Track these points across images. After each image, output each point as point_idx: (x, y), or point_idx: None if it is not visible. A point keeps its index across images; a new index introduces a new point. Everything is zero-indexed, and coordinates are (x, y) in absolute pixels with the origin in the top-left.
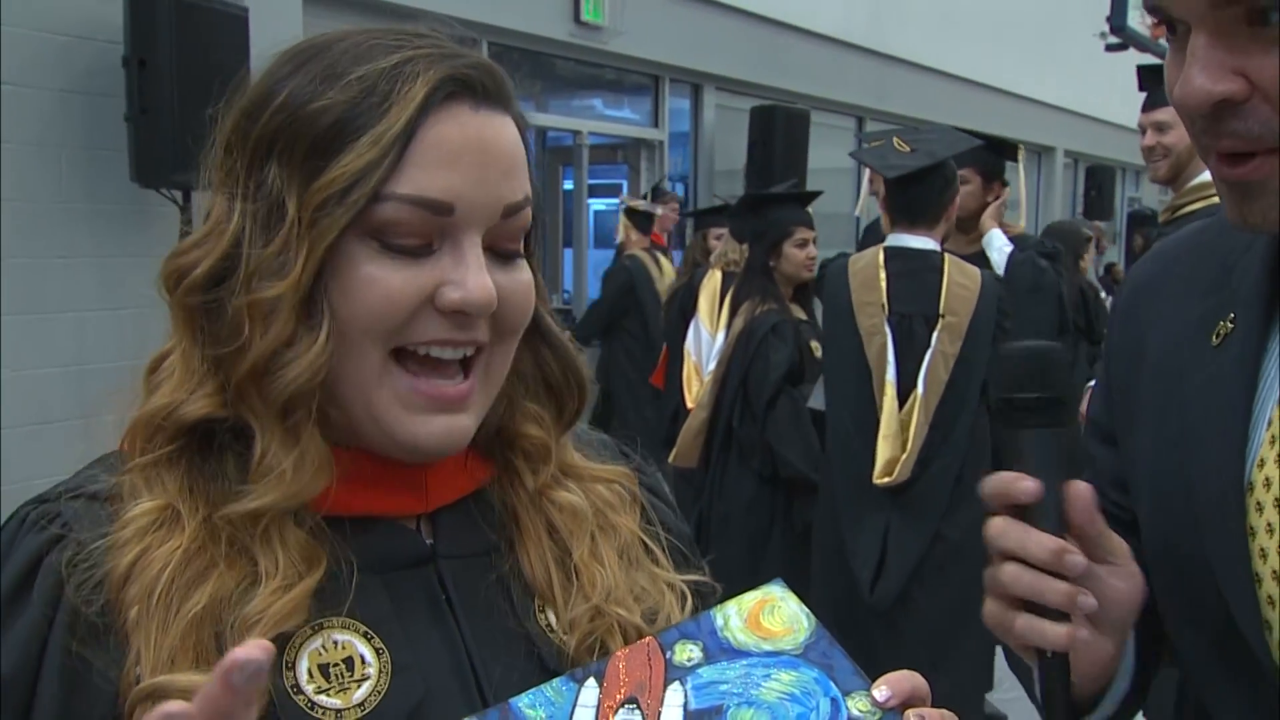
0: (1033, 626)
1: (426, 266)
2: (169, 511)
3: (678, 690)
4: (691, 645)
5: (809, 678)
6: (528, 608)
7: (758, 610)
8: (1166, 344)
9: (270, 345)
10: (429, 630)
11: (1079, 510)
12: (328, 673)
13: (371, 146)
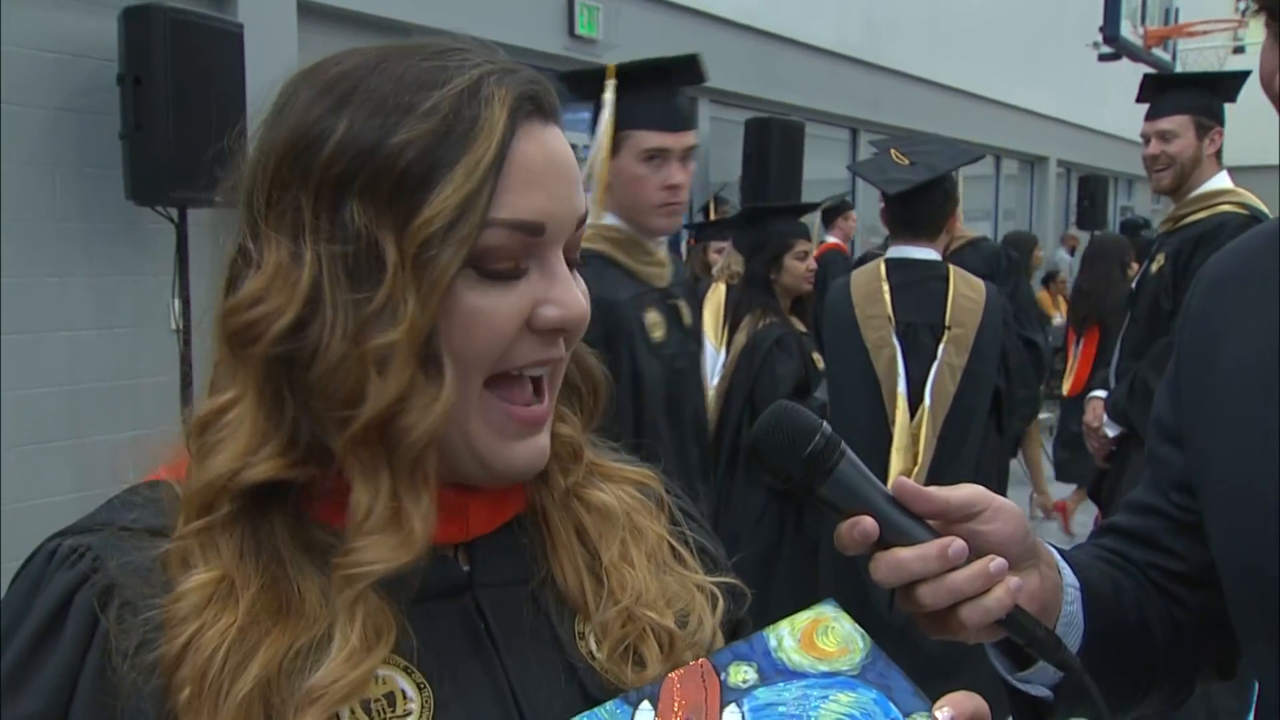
0: (976, 610)
1: (521, 288)
2: (224, 584)
3: (734, 712)
4: (746, 666)
5: (868, 699)
6: (569, 631)
7: (811, 630)
8: (1248, 345)
9: (392, 395)
10: (469, 662)
11: (919, 503)
12: (369, 709)
13: (468, 177)
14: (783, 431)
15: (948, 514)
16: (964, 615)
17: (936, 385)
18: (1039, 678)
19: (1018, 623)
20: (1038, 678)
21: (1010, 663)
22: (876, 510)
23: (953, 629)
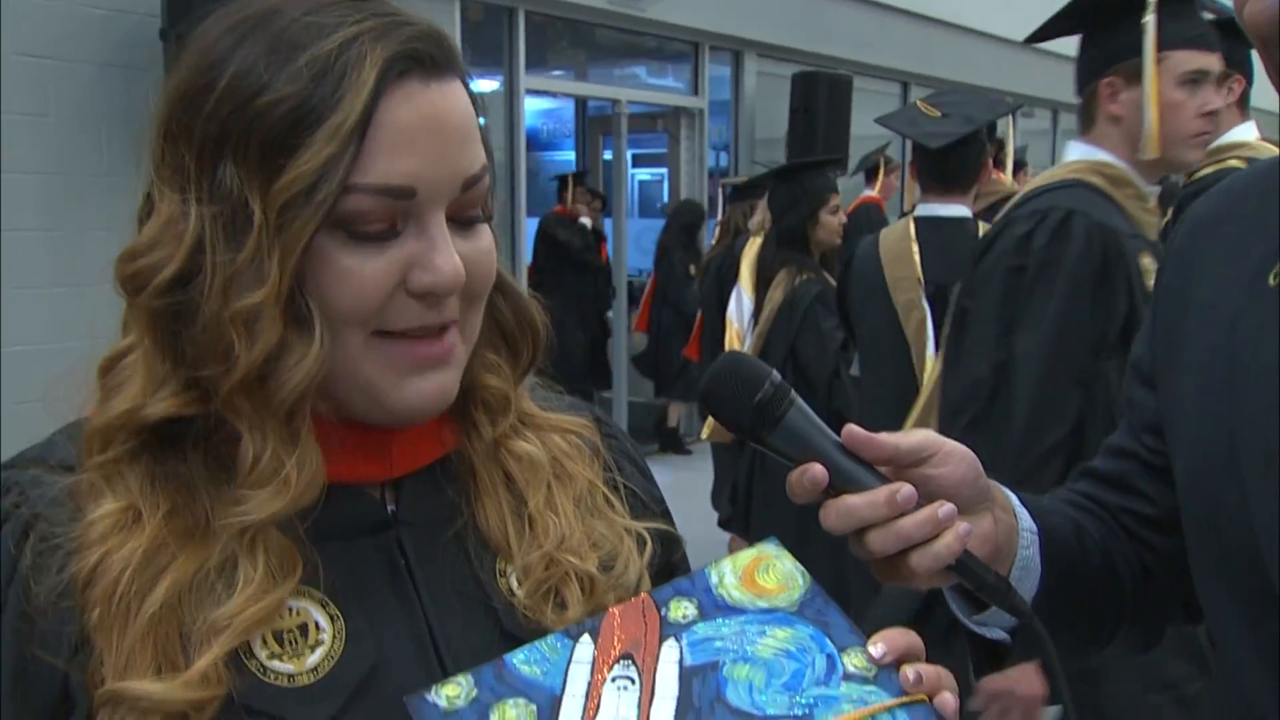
0: (926, 556)
1: (393, 250)
2: (130, 512)
3: (673, 646)
4: (686, 602)
5: (804, 634)
6: (490, 571)
7: (753, 568)
8: (1220, 285)
9: (261, 354)
10: (387, 597)
11: (869, 450)
12: (281, 639)
13: (330, 140)
14: (732, 380)
15: (898, 460)
16: (913, 561)
17: None
18: (995, 621)
19: (967, 568)
20: (994, 621)
21: (967, 606)
22: (826, 458)
23: (903, 575)
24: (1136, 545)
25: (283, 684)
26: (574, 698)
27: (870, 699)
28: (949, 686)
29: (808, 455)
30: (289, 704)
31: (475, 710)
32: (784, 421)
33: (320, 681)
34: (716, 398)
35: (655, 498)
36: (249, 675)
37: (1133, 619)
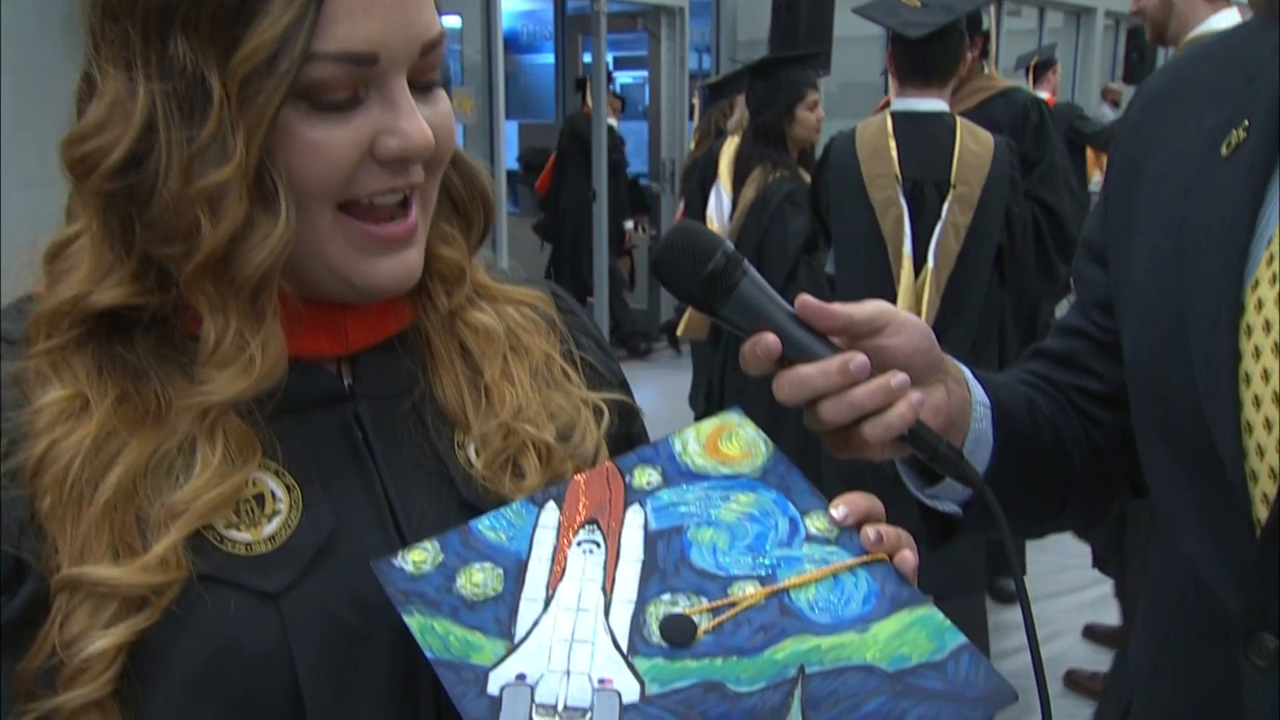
0: (878, 426)
1: (359, 118)
2: (78, 400)
3: (638, 512)
4: (650, 470)
5: (767, 499)
6: (448, 443)
7: (716, 436)
8: (1173, 157)
9: (227, 233)
10: (344, 467)
11: (822, 320)
12: (237, 509)
13: (286, 8)
14: (683, 250)
15: (851, 330)
16: (866, 431)
17: (941, 245)
18: (948, 494)
19: (920, 438)
20: (946, 494)
21: (920, 480)
22: (779, 328)
23: (856, 446)
24: (1085, 422)
25: (240, 553)
26: (540, 561)
27: (832, 559)
28: (909, 545)
29: (761, 326)
30: (246, 572)
31: (442, 574)
32: (736, 292)
33: (278, 550)
34: (668, 267)
35: (613, 370)
36: (205, 544)
37: (1080, 494)
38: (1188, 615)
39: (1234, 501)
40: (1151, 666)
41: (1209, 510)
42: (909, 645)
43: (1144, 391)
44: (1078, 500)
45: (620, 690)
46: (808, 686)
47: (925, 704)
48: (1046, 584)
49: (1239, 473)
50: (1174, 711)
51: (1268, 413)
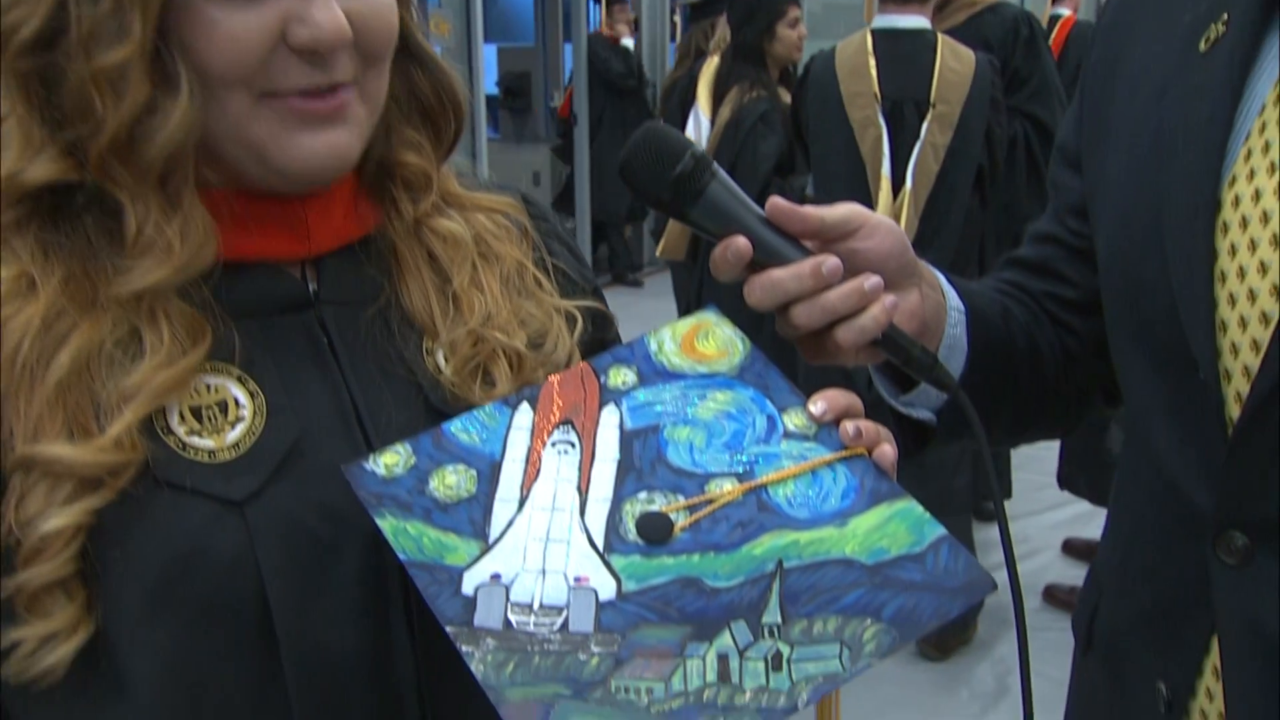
0: (852, 330)
1: (269, 5)
2: (24, 280)
3: (613, 411)
4: (625, 369)
5: (745, 396)
6: (415, 350)
7: (692, 335)
8: (1150, 55)
9: (128, 114)
10: (309, 374)
11: (793, 222)
12: (200, 415)
13: None
14: (651, 152)
15: (823, 233)
16: (839, 336)
17: (919, 165)
18: (922, 401)
19: (894, 342)
20: (920, 401)
21: (894, 387)
22: (750, 231)
23: (830, 351)
24: (1059, 330)
25: (203, 459)
26: (514, 462)
27: (810, 454)
28: (888, 440)
29: (731, 229)
30: (210, 479)
31: (414, 477)
32: (705, 195)
33: (242, 457)
34: (635, 170)
35: (586, 277)
36: (168, 451)
37: (1054, 403)
38: (1158, 515)
39: (1207, 402)
40: (1120, 566)
41: (1182, 411)
42: (888, 538)
43: (1118, 293)
44: (1051, 409)
45: (596, 588)
46: (786, 580)
47: (904, 595)
48: (1026, 502)
49: (1213, 372)
50: (1141, 609)
51: (1242, 311)
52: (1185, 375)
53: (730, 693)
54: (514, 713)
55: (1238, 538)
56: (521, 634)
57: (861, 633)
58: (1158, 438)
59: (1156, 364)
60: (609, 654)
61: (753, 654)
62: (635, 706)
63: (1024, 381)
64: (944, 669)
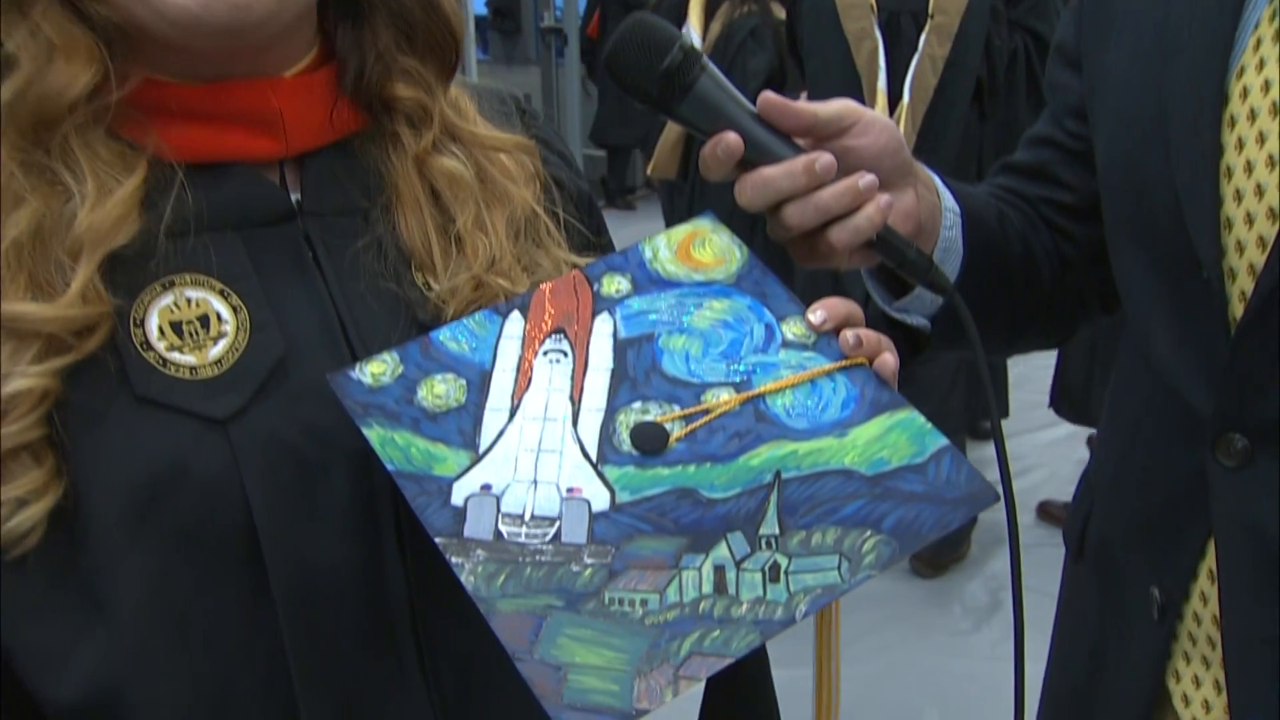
0: (846, 230)
1: None
2: None
3: (606, 320)
4: (619, 277)
5: (742, 305)
6: (402, 269)
7: (688, 242)
8: None
9: None
10: (293, 288)
11: (786, 119)
12: (180, 330)
13: None
14: (638, 45)
15: (816, 130)
16: (833, 236)
17: (917, 79)
18: (916, 307)
19: (888, 243)
20: (914, 307)
21: (887, 293)
22: (741, 127)
23: (823, 253)
24: (1055, 235)
25: (185, 376)
26: (504, 372)
27: (809, 364)
28: (889, 349)
29: (721, 126)
30: (193, 396)
31: (401, 386)
32: (695, 89)
33: (226, 373)
34: (622, 64)
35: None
36: (147, 367)
37: (1049, 311)
38: (1155, 420)
39: (1209, 302)
40: (1115, 472)
41: (1183, 313)
42: (889, 449)
43: (1118, 193)
44: (1046, 317)
45: (589, 499)
46: (784, 491)
47: (905, 506)
48: (1021, 420)
49: (1216, 271)
50: (1135, 516)
51: (1249, 207)
52: (1187, 275)
53: (726, 604)
54: (505, 625)
55: (1237, 440)
56: (513, 545)
57: (861, 544)
58: (1157, 341)
59: (1157, 265)
60: (602, 565)
61: (750, 566)
62: (629, 618)
63: (1019, 287)
64: (937, 585)
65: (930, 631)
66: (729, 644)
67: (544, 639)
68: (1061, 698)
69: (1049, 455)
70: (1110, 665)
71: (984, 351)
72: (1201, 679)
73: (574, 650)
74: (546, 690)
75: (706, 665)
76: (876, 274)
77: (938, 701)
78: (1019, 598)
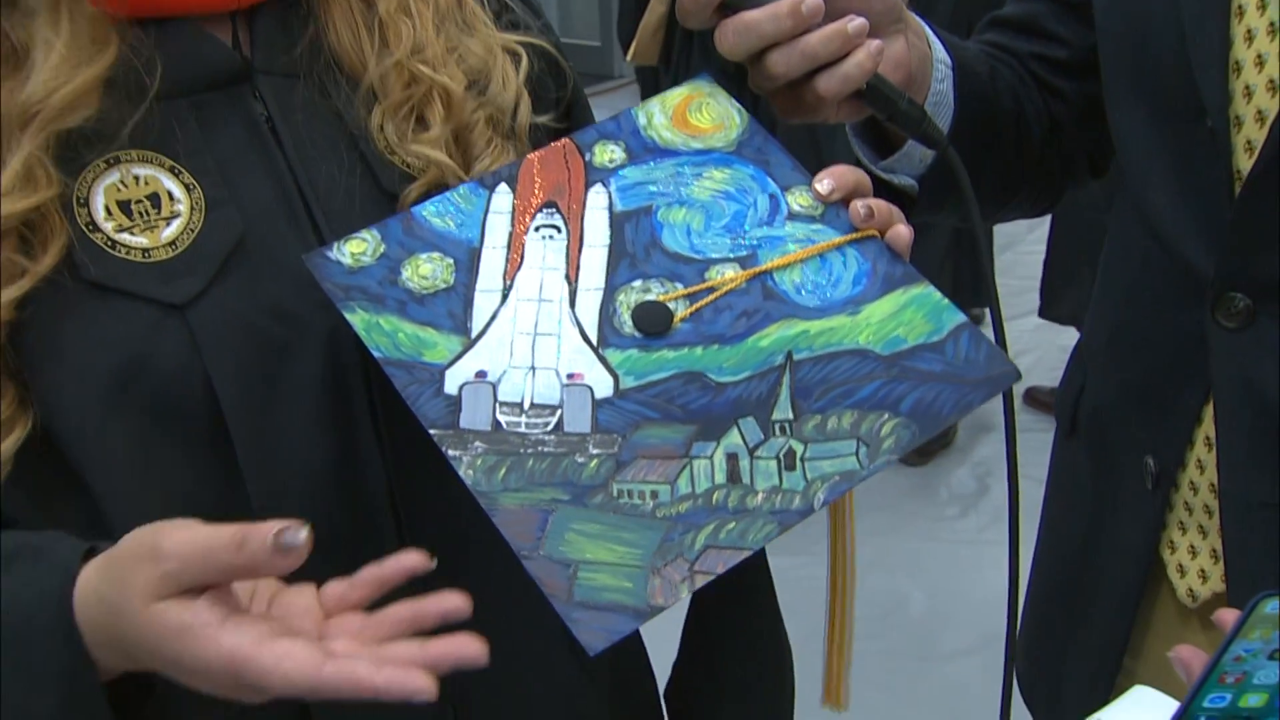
0: (834, 78)
1: None
2: None
3: (600, 192)
4: (612, 146)
5: (744, 173)
6: (355, 112)
7: (684, 107)
8: None
9: None
10: (247, 158)
11: None
12: (129, 210)
13: None
14: None
15: None
16: (821, 86)
17: None
18: (904, 167)
19: (879, 92)
20: (902, 167)
21: (874, 152)
22: None
23: (810, 105)
24: (1045, 93)
25: (136, 259)
26: (494, 249)
27: (817, 237)
28: (901, 220)
29: None
30: (147, 280)
31: (384, 266)
32: None
33: (181, 256)
34: None
35: (535, 18)
36: (94, 250)
37: (1037, 172)
38: (1151, 282)
39: (1214, 152)
40: (1108, 341)
41: (1184, 165)
42: (904, 326)
43: (1118, 38)
44: (1034, 179)
45: (592, 385)
46: (796, 374)
47: (924, 386)
48: (1008, 306)
49: (1222, 119)
50: (1129, 384)
51: (1260, 48)
52: (1190, 124)
53: (741, 494)
54: (509, 520)
55: (1238, 300)
56: (513, 435)
57: (879, 428)
58: (1156, 197)
59: (1158, 114)
60: (609, 455)
61: (764, 453)
62: (640, 510)
63: (1009, 146)
64: (924, 472)
65: (916, 518)
66: (745, 536)
67: (551, 534)
68: (1052, 579)
69: (1036, 341)
70: (1104, 541)
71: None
72: (1198, 548)
73: (583, 546)
74: (556, 589)
75: (723, 559)
76: (862, 132)
77: (925, 586)
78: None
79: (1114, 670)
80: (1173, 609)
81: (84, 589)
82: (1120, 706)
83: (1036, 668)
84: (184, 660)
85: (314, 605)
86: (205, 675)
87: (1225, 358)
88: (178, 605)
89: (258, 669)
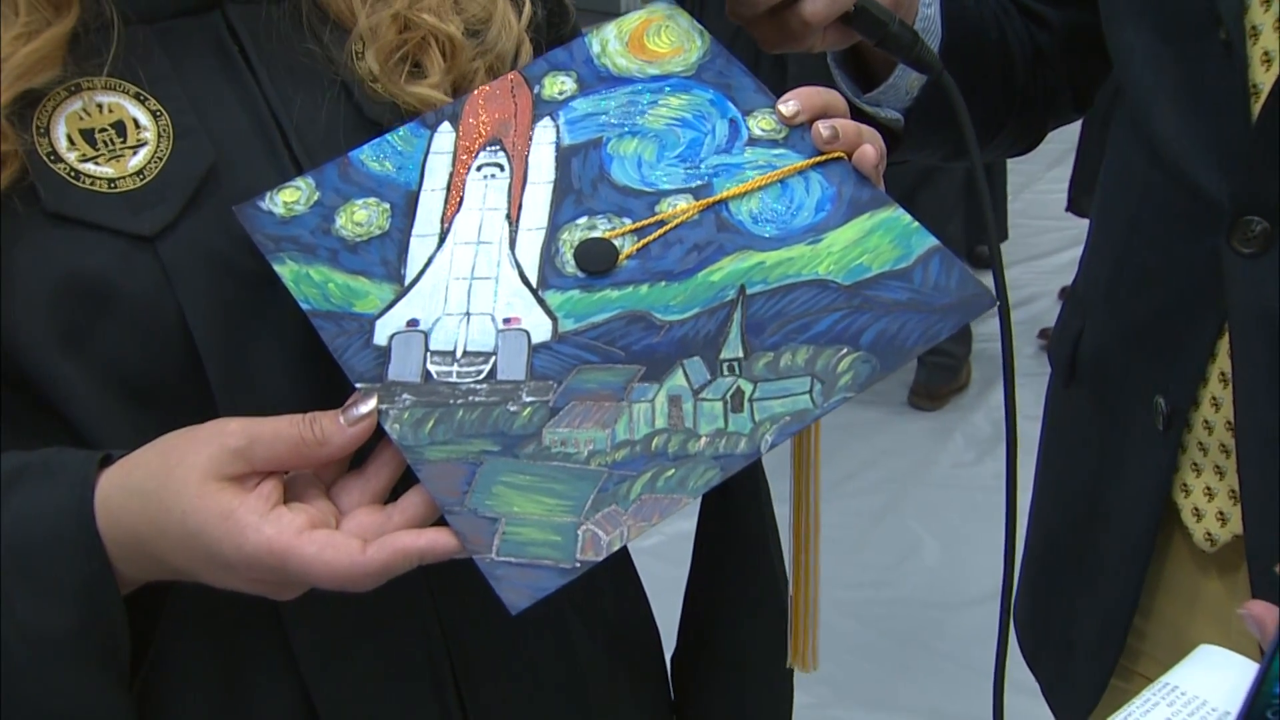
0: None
1: None
2: None
3: (548, 126)
4: (563, 76)
5: (703, 99)
6: (337, 47)
7: (640, 31)
8: None
9: None
10: (219, 86)
11: None
12: (93, 139)
13: None
14: None
15: None
16: (806, 9)
17: None
18: (889, 99)
19: (868, 15)
20: (888, 99)
21: (856, 86)
22: None
23: (794, 32)
24: (1029, 23)
25: (101, 189)
26: (433, 191)
27: (779, 162)
28: (870, 139)
29: None
30: (113, 211)
31: (318, 214)
32: None
33: (149, 185)
34: None
35: None
36: (57, 180)
37: (1021, 105)
38: (1157, 212)
39: (1228, 67)
40: (1110, 279)
41: (1193, 84)
42: (869, 253)
43: None
44: (1019, 112)
45: (529, 329)
46: (749, 308)
47: (888, 317)
48: (1023, 248)
49: (1238, 28)
50: (1134, 323)
51: None
52: (1201, 38)
53: (683, 439)
54: (434, 475)
55: (1256, 224)
56: (443, 385)
57: (836, 363)
58: (1163, 120)
59: (1165, 30)
60: (542, 403)
61: (709, 394)
62: (573, 460)
63: (994, 78)
64: (938, 418)
65: (932, 465)
66: (685, 483)
67: (477, 488)
68: (1055, 531)
69: (1051, 283)
70: (1111, 489)
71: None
72: (1215, 490)
73: (511, 499)
74: (479, 544)
75: (660, 508)
76: (844, 63)
77: (940, 533)
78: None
79: (1123, 633)
80: (1187, 562)
81: (105, 493)
82: (1189, 667)
83: (1039, 633)
84: (222, 550)
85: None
86: (242, 569)
87: (1242, 286)
88: (231, 489)
89: (299, 558)
